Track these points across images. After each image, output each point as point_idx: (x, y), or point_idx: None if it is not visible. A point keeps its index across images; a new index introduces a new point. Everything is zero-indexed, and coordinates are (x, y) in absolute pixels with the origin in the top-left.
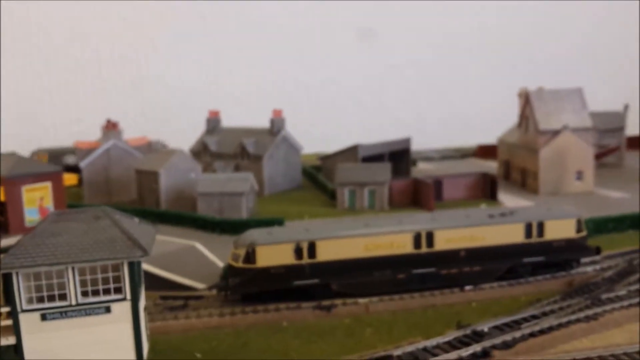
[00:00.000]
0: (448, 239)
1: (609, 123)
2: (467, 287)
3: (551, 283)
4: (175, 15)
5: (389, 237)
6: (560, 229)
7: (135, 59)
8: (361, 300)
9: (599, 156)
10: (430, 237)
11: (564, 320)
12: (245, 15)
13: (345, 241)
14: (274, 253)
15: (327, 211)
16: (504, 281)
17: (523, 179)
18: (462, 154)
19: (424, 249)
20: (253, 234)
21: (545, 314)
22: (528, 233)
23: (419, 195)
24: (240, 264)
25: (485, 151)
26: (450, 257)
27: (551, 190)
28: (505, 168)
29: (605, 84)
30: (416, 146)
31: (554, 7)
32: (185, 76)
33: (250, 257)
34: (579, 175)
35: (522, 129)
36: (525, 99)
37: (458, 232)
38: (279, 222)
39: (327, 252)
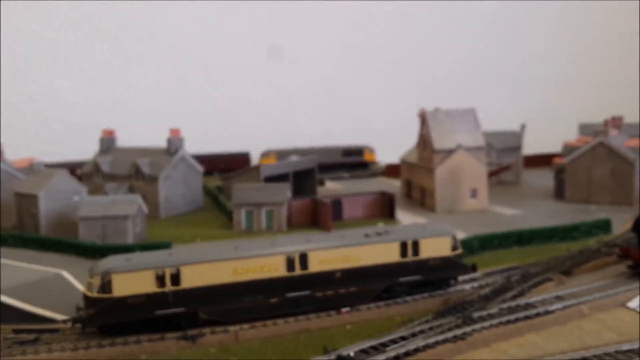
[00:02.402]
0: (322, 260)
1: (506, 142)
2: (344, 309)
3: (428, 302)
4: (73, 27)
5: (260, 260)
6: (436, 247)
7: (29, 73)
8: (231, 328)
9: (492, 174)
10: (304, 258)
11: (431, 340)
12: (149, 29)
13: (212, 266)
14: (132, 281)
15: (222, 233)
16: (380, 302)
17: (422, 198)
18: (372, 173)
19: (298, 272)
20: (109, 261)
21: (414, 335)
22: (403, 252)
23: (318, 215)
24: (95, 294)
25: (393, 170)
26: (326, 278)
27: (447, 208)
28: (407, 187)
29: (505, 104)
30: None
31: (459, 28)
32: (83, 92)
33: (105, 286)
34: (474, 193)
35: (420, 148)
36: (422, 119)
37: (333, 252)
38: (165, 246)
39: (193, 278)
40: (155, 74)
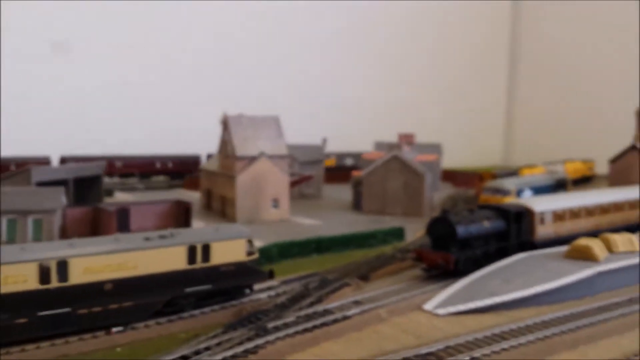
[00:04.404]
0: (88, 269)
1: (309, 155)
2: (115, 329)
3: (218, 315)
4: None
5: (2, 269)
6: (229, 252)
7: None
8: None
9: (294, 184)
10: (63, 267)
11: (218, 357)
12: None
13: None
14: None
15: None
16: (162, 317)
17: (222, 207)
18: (171, 185)
19: (55, 284)
20: None
21: (198, 353)
22: (192, 258)
23: (100, 225)
24: None
25: (195, 182)
26: (92, 291)
27: (248, 217)
28: (207, 197)
29: (308, 120)
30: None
31: (270, 44)
32: None
33: None
34: (275, 203)
35: (221, 155)
36: (225, 124)
37: (102, 259)
38: None
39: None
40: None
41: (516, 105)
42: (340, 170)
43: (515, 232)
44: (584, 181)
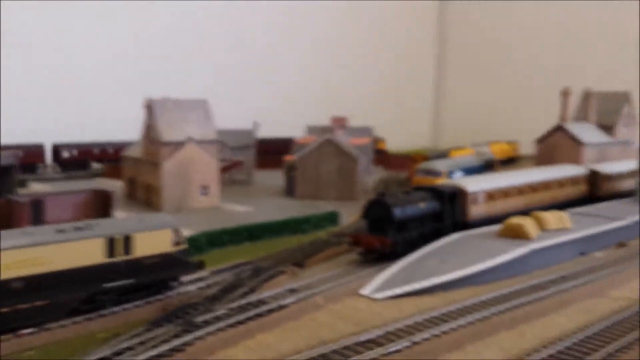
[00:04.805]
0: None
1: (240, 140)
2: (25, 331)
3: (143, 311)
4: None
5: None
6: (154, 243)
7: None
8: None
9: (224, 170)
10: None
11: (141, 357)
12: None
13: None
14: None
15: None
16: (79, 316)
17: (148, 197)
18: (93, 173)
19: None
20: None
21: (118, 354)
22: (111, 250)
23: (12, 218)
24: None
25: (117, 170)
26: None
27: (176, 206)
28: (130, 186)
29: (237, 104)
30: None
31: (199, 29)
32: None
33: None
34: (204, 190)
35: (146, 141)
36: (149, 108)
37: (9, 255)
38: None
39: None
40: None
41: (443, 88)
42: None
43: (449, 213)
44: (509, 162)
